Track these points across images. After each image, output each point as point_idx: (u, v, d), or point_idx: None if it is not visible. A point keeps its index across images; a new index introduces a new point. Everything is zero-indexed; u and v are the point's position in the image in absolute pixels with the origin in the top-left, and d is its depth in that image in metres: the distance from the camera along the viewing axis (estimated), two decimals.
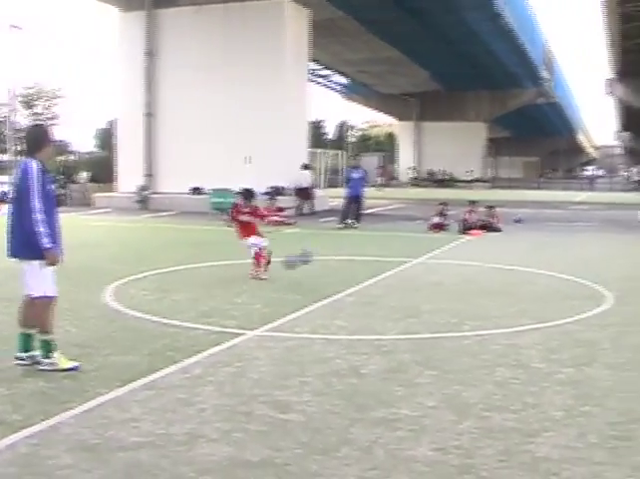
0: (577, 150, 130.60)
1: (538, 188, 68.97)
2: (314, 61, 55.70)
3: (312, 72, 61.70)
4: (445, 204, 25.35)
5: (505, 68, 64.52)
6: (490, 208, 25.01)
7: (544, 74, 70.57)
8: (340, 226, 25.44)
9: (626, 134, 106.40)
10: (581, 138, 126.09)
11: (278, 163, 33.94)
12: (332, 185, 49.61)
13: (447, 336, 9.20)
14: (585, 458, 5.41)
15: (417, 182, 75.12)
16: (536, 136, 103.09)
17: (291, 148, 35.34)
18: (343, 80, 74.52)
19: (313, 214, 32.00)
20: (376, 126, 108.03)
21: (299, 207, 31.91)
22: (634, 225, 28.04)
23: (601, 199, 49.92)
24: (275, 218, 15.44)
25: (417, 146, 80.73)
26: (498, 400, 6.71)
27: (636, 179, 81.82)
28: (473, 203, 25.14)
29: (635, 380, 7.42)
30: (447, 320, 10.17)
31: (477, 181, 72.46)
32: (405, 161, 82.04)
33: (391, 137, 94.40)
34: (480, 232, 23.15)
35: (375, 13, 46.06)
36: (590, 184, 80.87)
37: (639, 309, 11.24)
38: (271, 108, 34.74)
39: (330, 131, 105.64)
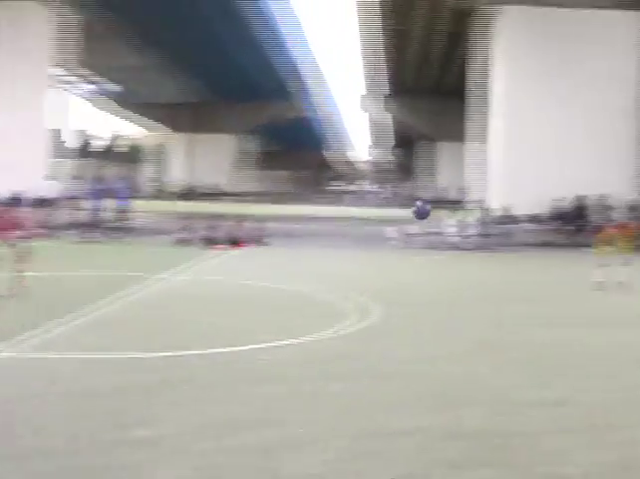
0: (335, 164, 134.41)
1: (307, 201, 70.06)
2: (85, 67, 53.83)
3: (77, 79, 59.70)
4: (194, 218, 25.47)
5: (270, 81, 65.13)
6: (251, 222, 25.36)
7: (297, 87, 71.99)
8: (90, 238, 24.89)
9: (378, 150, 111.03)
10: (338, 153, 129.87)
11: (17, 170, 32.30)
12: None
13: (208, 353, 9.15)
14: (345, 470, 5.56)
15: (182, 195, 73.94)
16: (298, 149, 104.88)
17: (29, 156, 33.78)
18: (114, 88, 72.15)
19: (65, 226, 30.89)
20: (146, 136, 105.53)
21: (47, 219, 30.74)
22: (381, 239, 29.14)
23: (364, 214, 51.42)
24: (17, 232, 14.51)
25: (188, 157, 79.66)
26: (263, 415, 6.76)
27: (389, 196, 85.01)
28: (238, 217, 25.43)
29: (395, 392, 7.70)
30: (206, 337, 10.15)
31: (243, 194, 72.54)
32: (176, 173, 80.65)
33: (161, 147, 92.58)
34: (239, 245, 23.36)
35: (134, 18, 45.28)
36: (353, 199, 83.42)
37: (402, 323, 11.74)
38: (6, 114, 33.28)
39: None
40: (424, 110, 68.61)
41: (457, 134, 56.53)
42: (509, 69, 32.79)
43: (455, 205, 47.12)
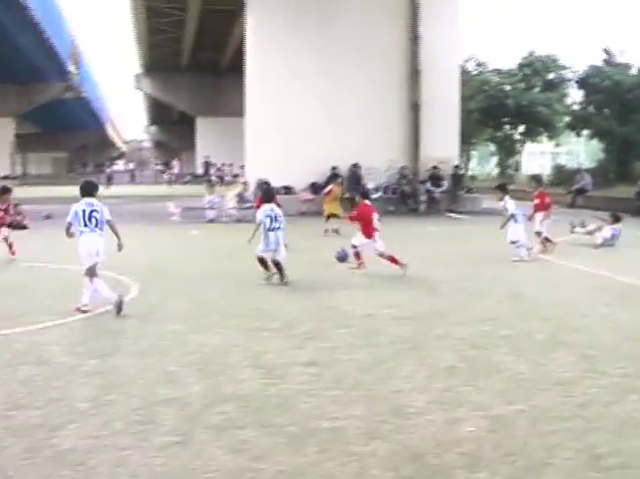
0: (108, 144, 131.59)
1: (68, 183, 68.12)
2: None
3: None
4: None
5: (31, 62, 62.81)
6: (16, 205, 24.28)
7: (71, 68, 70.14)
8: None
9: (153, 127, 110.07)
10: (111, 132, 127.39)
11: None
12: None
13: None
14: (110, 445, 5.63)
15: None
16: (64, 131, 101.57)
17: None
18: None
19: None
20: None
21: None
22: (163, 216, 28.91)
23: (133, 192, 50.90)
24: None
25: None
26: (23, 398, 6.69)
27: (173, 173, 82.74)
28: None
29: (156, 365, 7.80)
30: None
31: (5, 178, 69.65)
32: None
33: None
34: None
35: None
36: (135, 177, 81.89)
37: (159, 297, 11.76)
38: None
39: None
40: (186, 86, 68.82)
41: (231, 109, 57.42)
42: (259, 40, 31.51)
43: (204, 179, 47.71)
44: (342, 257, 15.04)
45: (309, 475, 5.19)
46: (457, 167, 32.71)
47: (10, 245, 16.15)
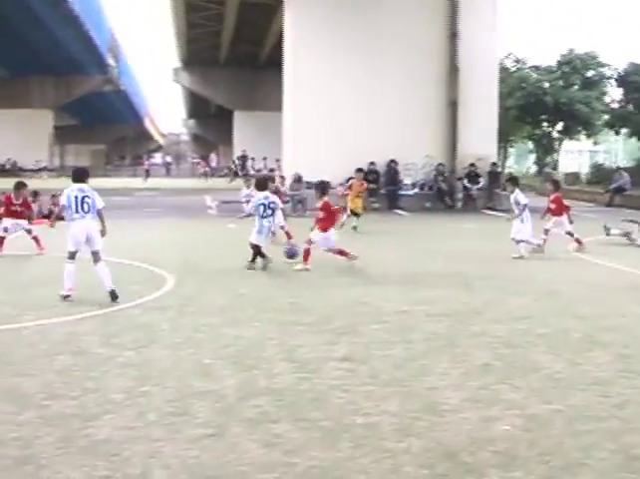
0: (146, 137, 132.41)
1: (106, 175, 68.61)
2: None
3: None
4: None
5: (70, 54, 63.23)
6: (53, 196, 24.53)
7: (110, 61, 70.62)
8: None
9: (191, 121, 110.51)
10: (149, 125, 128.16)
11: None
12: None
13: (6, 328, 9.05)
14: (144, 436, 5.67)
15: None
16: (102, 123, 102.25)
17: None
18: None
19: None
20: None
21: None
22: (200, 209, 29.03)
23: (170, 185, 51.18)
24: None
25: None
26: (58, 388, 6.76)
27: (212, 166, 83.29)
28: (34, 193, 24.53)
29: (191, 358, 7.84)
30: (6, 312, 10.02)
31: (44, 169, 70.28)
32: None
33: None
34: (43, 221, 22.57)
35: None
36: (172, 170, 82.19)
37: (195, 290, 11.84)
38: None
39: None
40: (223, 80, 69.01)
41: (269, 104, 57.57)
42: (298, 35, 31.55)
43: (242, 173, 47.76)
44: (291, 254, 14.78)
45: (342, 470, 5.17)
46: (494, 164, 32.58)
47: (37, 240, 16.19)
